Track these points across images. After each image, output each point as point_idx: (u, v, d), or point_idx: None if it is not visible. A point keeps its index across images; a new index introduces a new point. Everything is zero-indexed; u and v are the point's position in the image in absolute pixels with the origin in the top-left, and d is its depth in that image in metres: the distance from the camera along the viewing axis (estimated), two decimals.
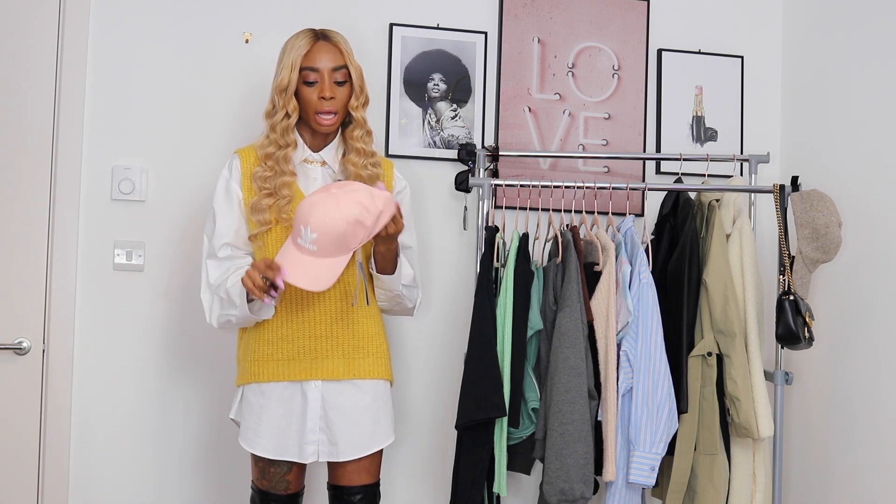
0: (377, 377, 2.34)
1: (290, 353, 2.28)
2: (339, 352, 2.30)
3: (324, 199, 2.10)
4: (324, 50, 2.28)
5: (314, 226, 2.08)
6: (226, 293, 2.24)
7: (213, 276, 2.29)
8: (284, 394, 2.29)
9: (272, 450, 2.28)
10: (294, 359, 2.28)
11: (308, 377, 2.28)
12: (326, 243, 2.09)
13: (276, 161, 2.28)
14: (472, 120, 2.94)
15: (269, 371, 2.28)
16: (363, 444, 2.31)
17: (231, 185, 2.33)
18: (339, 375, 2.29)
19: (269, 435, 2.28)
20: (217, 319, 2.29)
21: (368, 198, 2.10)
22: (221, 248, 2.30)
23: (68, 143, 2.69)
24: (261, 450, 2.28)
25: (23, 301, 2.66)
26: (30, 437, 2.65)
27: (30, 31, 2.68)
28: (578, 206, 2.79)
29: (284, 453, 2.28)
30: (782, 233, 2.61)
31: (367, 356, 2.33)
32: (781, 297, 2.54)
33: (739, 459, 2.64)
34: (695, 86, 3.12)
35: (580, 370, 2.44)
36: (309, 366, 2.28)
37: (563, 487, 2.41)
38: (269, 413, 2.28)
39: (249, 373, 2.30)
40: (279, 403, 2.29)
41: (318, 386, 2.29)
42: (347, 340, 2.31)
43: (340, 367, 2.30)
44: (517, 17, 2.99)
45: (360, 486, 2.35)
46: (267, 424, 2.28)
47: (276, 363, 2.29)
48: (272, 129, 2.29)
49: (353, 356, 2.31)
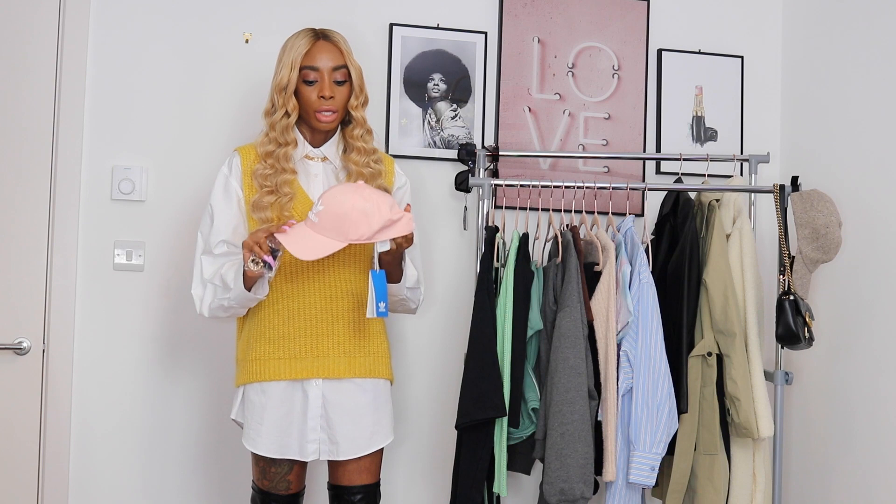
0: (378, 376, 2.34)
1: (292, 351, 2.28)
2: (340, 350, 2.30)
3: (350, 185, 2.17)
4: (324, 49, 2.29)
5: (325, 199, 2.12)
6: (220, 279, 2.24)
7: (207, 272, 2.28)
8: (286, 392, 2.29)
9: (274, 449, 2.28)
10: (295, 357, 2.28)
11: (309, 375, 2.28)
12: (328, 218, 2.10)
13: (277, 159, 2.28)
14: (472, 120, 2.94)
15: (271, 370, 2.28)
16: (363, 443, 2.31)
17: (230, 183, 2.32)
18: (340, 374, 2.29)
19: (270, 434, 2.28)
20: (209, 307, 2.28)
21: (388, 205, 2.13)
22: (218, 244, 2.29)
23: (68, 143, 2.69)
24: (263, 449, 2.28)
25: (23, 301, 2.66)
26: (30, 437, 2.65)
27: (30, 31, 2.68)
28: (578, 206, 2.79)
29: (286, 452, 2.28)
30: (782, 233, 2.61)
31: (368, 355, 2.33)
32: (781, 297, 2.54)
33: (739, 459, 2.64)
34: (695, 86, 3.12)
35: (580, 370, 2.44)
36: (310, 364, 2.28)
37: (563, 487, 2.41)
38: (271, 412, 2.28)
39: (251, 372, 2.30)
40: (280, 402, 2.29)
41: (318, 384, 2.29)
42: (349, 339, 2.31)
43: (342, 365, 2.30)
44: (517, 17, 2.99)
45: (361, 485, 2.35)
46: (268, 423, 2.28)
47: (278, 362, 2.28)
48: (272, 127, 2.29)
49: (355, 355, 2.31)
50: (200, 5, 2.80)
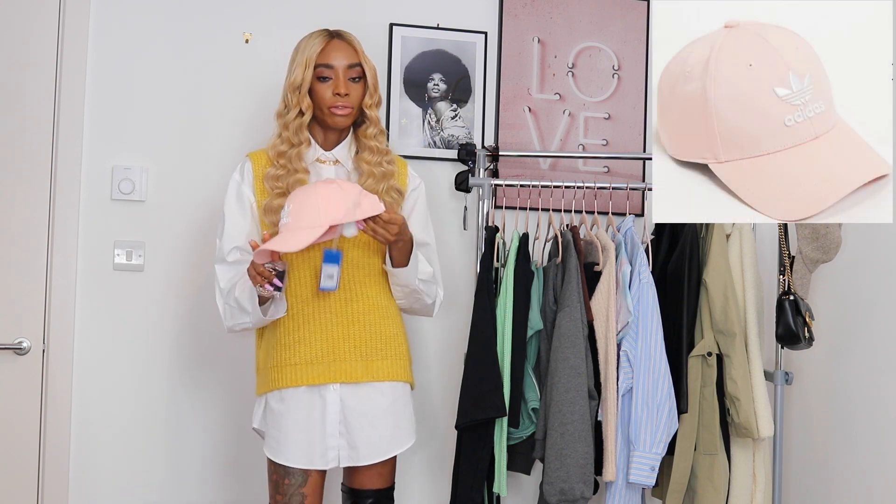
0: (396, 379, 2.29)
1: (309, 356, 2.23)
2: (357, 354, 2.25)
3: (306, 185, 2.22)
4: (339, 48, 2.28)
5: (290, 199, 2.15)
6: (235, 302, 2.22)
7: (222, 281, 2.27)
8: (303, 399, 2.23)
9: (296, 459, 2.22)
10: (312, 362, 2.23)
11: (327, 380, 2.23)
12: (299, 213, 2.10)
13: (289, 159, 2.26)
14: (472, 120, 2.94)
15: (288, 376, 2.23)
16: (383, 448, 2.27)
17: (242, 189, 2.31)
18: (357, 378, 2.24)
19: (292, 442, 2.22)
20: (231, 327, 2.27)
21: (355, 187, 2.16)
22: (231, 251, 2.27)
23: (68, 143, 2.69)
24: (284, 458, 2.22)
25: (23, 301, 2.66)
26: (30, 437, 2.65)
27: (30, 31, 2.68)
28: (578, 206, 2.79)
29: (309, 461, 2.22)
30: (782, 233, 2.61)
31: (385, 358, 2.28)
32: (781, 297, 2.54)
33: (739, 459, 2.64)
34: None
35: (580, 370, 2.44)
36: (327, 369, 2.23)
37: (563, 487, 2.41)
38: (290, 419, 2.23)
39: (271, 380, 2.25)
40: (298, 409, 2.23)
41: (336, 389, 2.24)
42: (366, 342, 2.26)
43: (359, 369, 2.25)
44: (517, 17, 2.99)
45: (374, 490, 2.31)
46: (289, 432, 2.22)
47: (294, 368, 2.23)
48: (285, 127, 2.28)
49: (372, 358, 2.26)
50: (200, 5, 2.80)
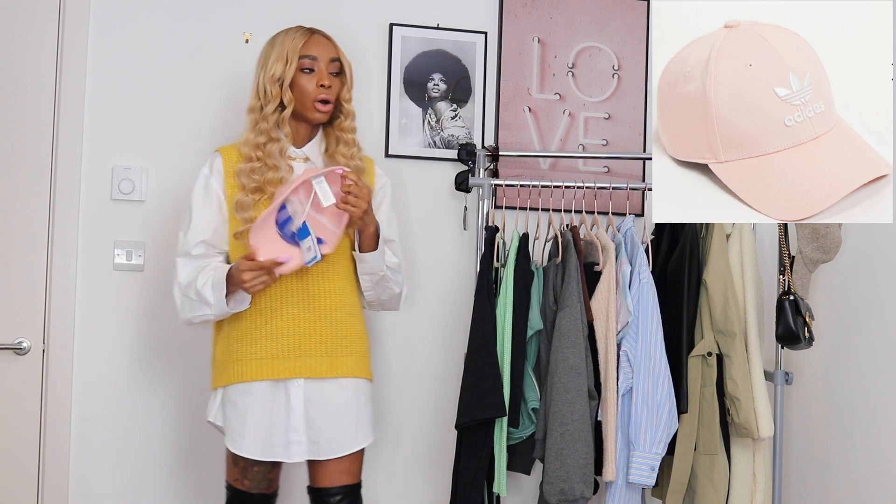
0: (359, 376, 2.34)
1: (274, 351, 2.26)
2: (322, 350, 2.28)
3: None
4: (320, 42, 2.32)
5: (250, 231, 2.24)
6: (196, 294, 2.23)
7: (181, 275, 2.27)
8: (268, 392, 2.27)
9: (259, 451, 2.26)
10: (278, 357, 2.26)
11: (291, 375, 2.26)
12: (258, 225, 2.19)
13: (269, 154, 2.27)
14: (472, 120, 2.94)
15: (253, 370, 2.26)
16: (345, 443, 2.30)
17: (211, 183, 2.31)
18: (322, 373, 2.28)
19: (254, 435, 2.26)
20: (189, 319, 2.28)
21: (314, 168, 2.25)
22: (196, 245, 2.28)
23: (68, 143, 2.69)
24: (247, 451, 2.26)
25: (23, 301, 2.66)
26: (30, 437, 2.65)
27: (30, 31, 2.68)
28: (578, 206, 2.79)
29: (271, 454, 2.26)
30: (782, 233, 2.61)
31: (350, 354, 2.32)
32: (781, 297, 2.54)
33: (739, 459, 2.64)
34: None
35: (580, 370, 2.45)
36: (293, 364, 2.26)
37: (563, 487, 2.42)
38: (254, 413, 2.26)
39: (232, 373, 2.28)
40: (263, 403, 2.26)
41: (300, 384, 2.27)
42: (331, 339, 2.29)
43: (324, 365, 2.28)
44: (517, 17, 2.99)
45: (341, 486, 2.32)
46: (252, 425, 2.26)
47: (260, 362, 2.26)
48: (264, 119, 2.27)
49: (337, 354, 2.30)
50: (200, 5, 2.80)
